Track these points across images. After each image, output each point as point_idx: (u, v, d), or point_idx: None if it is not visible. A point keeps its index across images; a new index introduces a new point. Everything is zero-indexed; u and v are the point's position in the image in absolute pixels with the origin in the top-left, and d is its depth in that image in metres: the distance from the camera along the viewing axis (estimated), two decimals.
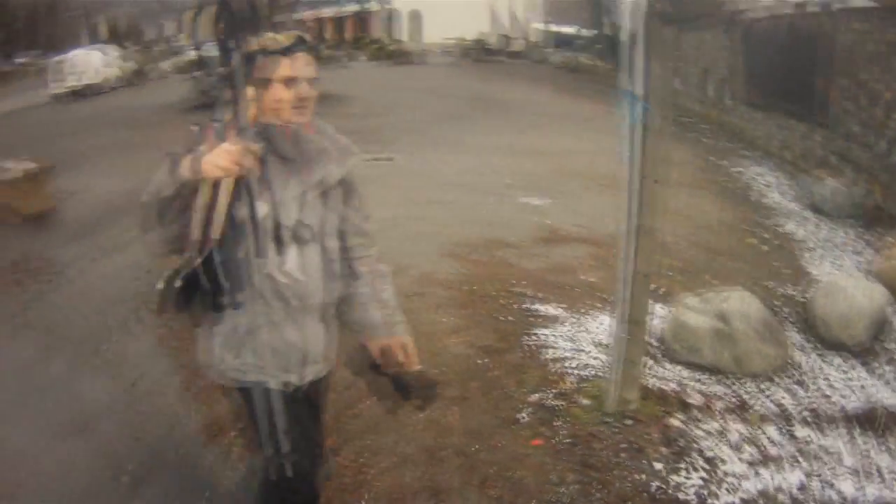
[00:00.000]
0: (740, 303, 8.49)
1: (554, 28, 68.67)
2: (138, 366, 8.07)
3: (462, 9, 60.70)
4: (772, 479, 6.50)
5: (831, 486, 6.48)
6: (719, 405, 7.57)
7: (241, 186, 3.43)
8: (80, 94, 42.38)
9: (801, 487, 6.41)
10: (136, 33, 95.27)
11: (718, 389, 7.90)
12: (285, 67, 3.69)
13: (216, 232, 3.41)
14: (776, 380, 8.19)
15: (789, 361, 8.59)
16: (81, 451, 6.46)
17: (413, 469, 6.34)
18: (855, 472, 6.71)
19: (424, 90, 34.54)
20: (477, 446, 6.57)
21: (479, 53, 52.61)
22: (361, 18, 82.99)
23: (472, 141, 21.47)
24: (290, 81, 3.70)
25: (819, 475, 6.60)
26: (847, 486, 6.50)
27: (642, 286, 6.96)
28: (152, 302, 3.77)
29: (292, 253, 3.86)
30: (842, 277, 10.36)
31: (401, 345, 4.28)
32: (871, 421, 7.48)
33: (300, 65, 3.74)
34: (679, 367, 8.32)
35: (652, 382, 7.85)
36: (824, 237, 13.94)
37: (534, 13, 67.00)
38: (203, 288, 3.52)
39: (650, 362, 8.28)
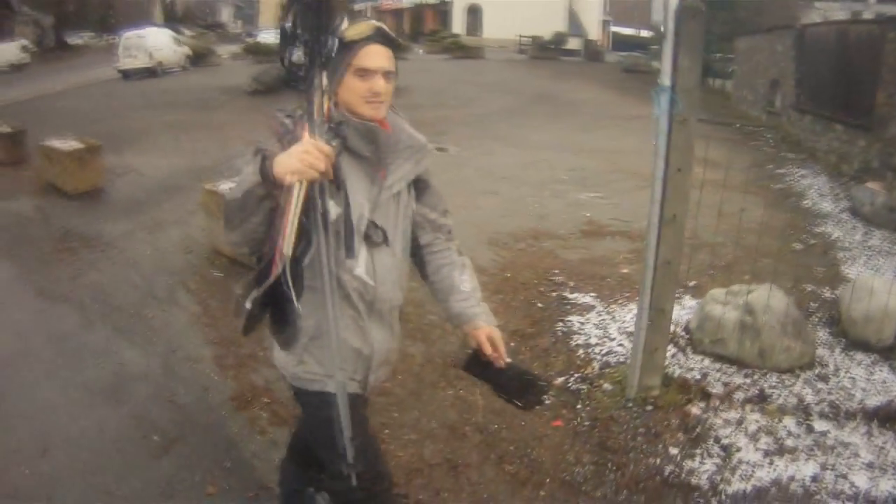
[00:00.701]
0: (766, 297, 8.55)
1: (613, 28, 68.77)
2: (175, 336, 8.43)
3: (522, 6, 60.36)
4: (786, 469, 6.60)
5: (845, 478, 6.54)
6: (740, 396, 7.69)
7: (314, 190, 3.23)
8: (151, 71, 42.79)
9: (815, 478, 6.49)
10: (191, 17, 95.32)
11: (740, 380, 8.00)
12: (360, 59, 3.52)
13: (288, 246, 3.19)
14: (799, 374, 8.28)
15: (814, 357, 8.68)
16: (116, 413, 6.84)
17: (434, 444, 6.57)
18: (870, 467, 6.78)
19: (483, 85, 34.59)
20: (498, 425, 6.79)
21: (535, 50, 52.40)
22: (441, 11, 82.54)
23: (527, 136, 21.59)
24: (364, 74, 3.53)
25: (833, 468, 6.67)
26: (861, 480, 6.57)
27: (666, 274, 7.09)
28: (238, 321, 3.59)
29: (362, 256, 3.68)
30: (872, 278, 10.33)
31: (487, 336, 4.09)
32: (890, 418, 7.52)
33: (376, 57, 3.55)
34: (704, 358, 8.44)
35: (676, 371, 8.00)
36: (860, 241, 14.02)
37: (595, 12, 66.84)
38: (284, 304, 3.38)
39: (675, 352, 8.46)
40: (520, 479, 6.15)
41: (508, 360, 4.17)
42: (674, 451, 6.71)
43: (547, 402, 6.29)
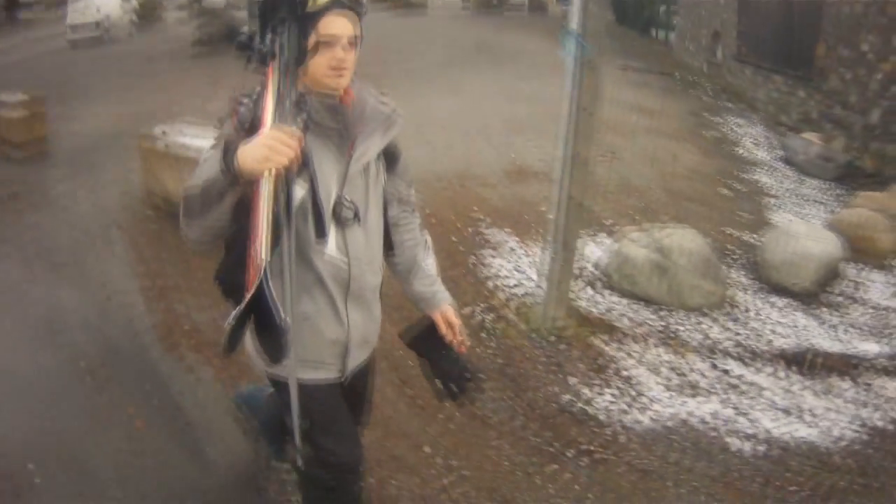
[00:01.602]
0: (681, 238, 8.73)
1: None
2: (110, 277, 8.58)
3: None
4: (686, 404, 6.78)
5: (745, 415, 6.71)
6: (645, 330, 7.82)
7: (281, 179, 2.99)
8: (97, 39, 42.64)
9: (715, 415, 6.67)
10: None
11: (649, 318, 8.20)
12: (324, 26, 3.26)
13: (265, 249, 2.93)
14: (711, 314, 8.47)
15: (728, 299, 8.88)
16: (56, 355, 6.96)
17: None
18: (773, 407, 6.97)
19: (428, 39, 34.75)
20: (401, 351, 6.73)
21: (478, 4, 52.47)
22: None
23: (464, 86, 21.72)
24: (327, 43, 3.28)
25: (735, 405, 6.86)
26: (761, 418, 6.75)
27: (573, 211, 7.26)
28: (219, 342, 3.10)
29: (333, 235, 3.49)
30: (795, 225, 10.61)
31: (443, 318, 4.01)
32: (799, 361, 7.73)
33: (340, 23, 3.30)
34: (614, 295, 8.64)
35: (586, 307, 8.18)
36: (791, 188, 14.31)
37: None
38: (265, 314, 2.98)
39: (586, 288, 8.66)
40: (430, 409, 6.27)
41: (464, 340, 4.08)
42: (573, 380, 6.89)
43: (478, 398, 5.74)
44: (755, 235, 10.88)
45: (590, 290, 8.75)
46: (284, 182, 3.00)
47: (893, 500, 5.90)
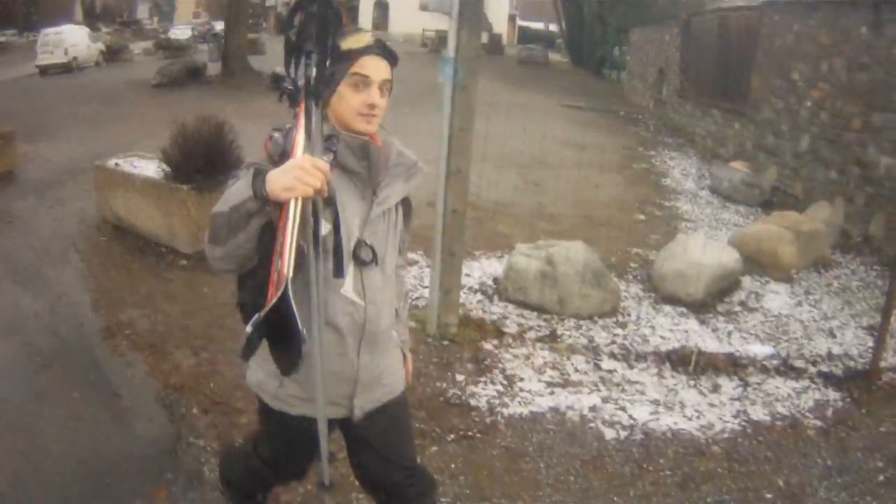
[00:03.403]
0: (569, 251, 9.28)
1: (522, 22, 69.43)
2: (62, 286, 9.53)
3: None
4: (566, 398, 7.28)
5: (624, 409, 7.20)
6: (532, 335, 8.37)
7: (308, 208, 2.99)
8: (67, 67, 43.10)
9: (593, 408, 7.17)
10: (109, 14, 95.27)
11: (537, 324, 8.78)
12: (359, 66, 3.34)
13: (289, 267, 2.90)
14: (598, 321, 9.04)
15: (619, 309, 9.44)
16: (10, 344, 8.00)
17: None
18: (654, 403, 7.47)
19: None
20: None
21: (436, 44, 52.77)
22: (351, 7, 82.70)
23: (407, 124, 22.08)
24: (362, 84, 3.35)
25: (615, 400, 7.36)
26: (640, 412, 7.24)
27: (455, 221, 7.87)
28: (238, 347, 3.10)
29: (351, 275, 3.48)
30: (687, 239, 11.01)
31: (406, 364, 4.17)
32: (684, 362, 8.23)
33: (375, 67, 3.38)
34: (507, 305, 9.24)
35: (479, 315, 8.79)
36: (710, 213, 14.90)
37: (502, 7, 67.45)
38: (284, 328, 2.96)
39: (482, 299, 9.37)
40: None
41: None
42: (460, 377, 7.45)
43: None
44: (657, 252, 11.33)
45: (486, 301, 9.36)
46: (312, 211, 3.02)
47: (760, 481, 6.34)
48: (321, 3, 2.96)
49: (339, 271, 3.33)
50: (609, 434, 6.83)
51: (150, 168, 11.06)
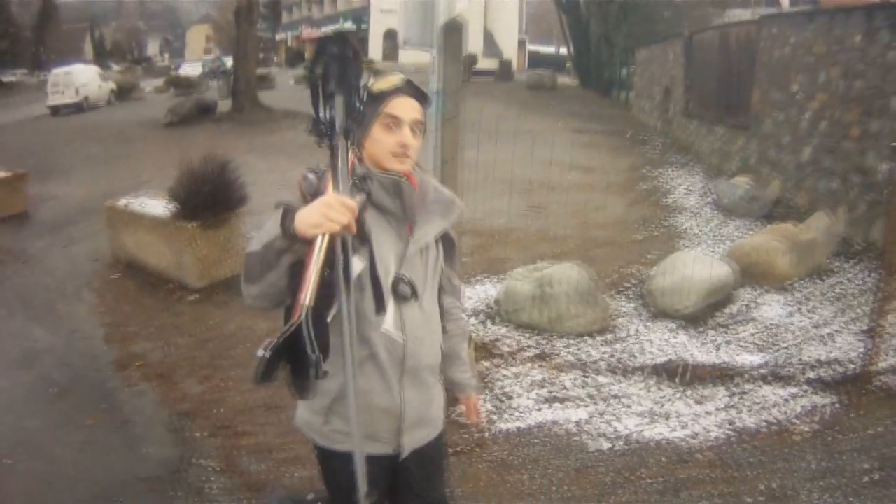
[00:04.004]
0: (562, 273, 9.59)
1: (532, 47, 69.52)
2: (77, 322, 10.11)
3: None
4: (557, 413, 7.60)
5: (610, 422, 7.48)
6: (525, 354, 8.77)
7: (337, 245, 3.04)
8: (78, 107, 43.54)
9: (581, 422, 7.47)
10: (120, 52, 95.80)
11: (531, 343, 9.12)
12: (390, 108, 3.40)
13: (309, 297, 2.97)
14: (592, 339, 9.34)
15: (612, 325, 9.74)
16: (27, 376, 8.60)
17: (257, 392, 7.72)
18: (642, 415, 7.73)
19: None
20: None
21: None
22: (360, 39, 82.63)
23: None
24: (393, 125, 3.41)
25: (602, 413, 7.65)
26: (627, 424, 7.51)
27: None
28: (251, 370, 3.04)
29: (390, 311, 3.49)
30: (680, 255, 11.30)
31: (471, 404, 4.25)
32: (673, 374, 8.53)
33: (406, 107, 3.43)
34: (504, 326, 9.59)
35: (475, 336, 9.03)
36: (711, 229, 15.07)
37: (512, 33, 67.54)
38: (302, 355, 3.01)
39: (483, 321, 9.73)
40: None
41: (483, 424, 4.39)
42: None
43: None
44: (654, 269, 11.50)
45: (484, 323, 9.72)
46: (341, 249, 3.06)
47: (743, 486, 6.54)
48: (340, 44, 3.00)
49: (379, 307, 3.41)
50: (595, 446, 7.07)
51: (158, 206, 11.50)
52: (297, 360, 3.04)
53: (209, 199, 10.85)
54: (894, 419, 7.72)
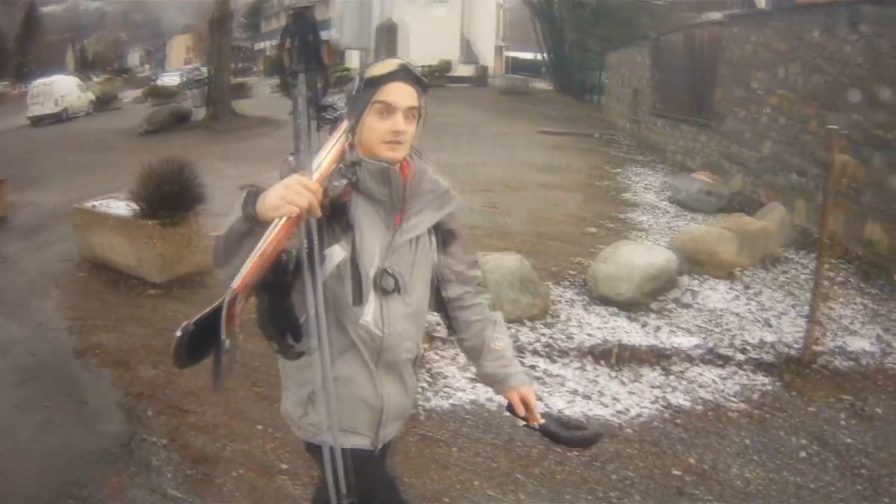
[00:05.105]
0: (501, 261, 9.86)
1: (511, 53, 69.65)
2: (45, 316, 10.52)
3: (416, 36, 59.74)
4: (485, 392, 7.80)
5: (541, 400, 7.56)
6: None
7: (302, 229, 2.95)
8: (58, 117, 43.80)
9: (502, 401, 7.60)
10: (101, 63, 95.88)
11: None
12: (383, 94, 3.26)
13: (239, 280, 2.91)
14: (527, 323, 9.59)
15: (548, 310, 9.98)
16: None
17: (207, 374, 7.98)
18: (573, 393, 8.03)
19: None
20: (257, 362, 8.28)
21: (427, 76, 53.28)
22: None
23: None
24: (386, 111, 3.27)
25: (535, 393, 7.81)
26: (557, 401, 7.81)
27: None
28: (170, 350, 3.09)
29: (371, 304, 3.39)
30: (622, 244, 11.55)
31: (519, 398, 3.85)
32: (607, 356, 8.81)
33: (399, 93, 3.28)
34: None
35: None
36: (664, 222, 15.45)
37: (490, 39, 67.66)
38: (216, 341, 2.98)
39: None
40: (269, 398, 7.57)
41: (542, 420, 3.88)
42: None
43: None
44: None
45: None
46: (306, 234, 2.96)
47: (670, 460, 6.82)
48: (302, 23, 2.92)
49: (357, 299, 3.33)
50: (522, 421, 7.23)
51: (122, 207, 11.91)
52: (205, 343, 3.03)
53: (168, 199, 11.19)
54: (832, 399, 8.05)
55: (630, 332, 9.58)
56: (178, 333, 2.95)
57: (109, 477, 6.44)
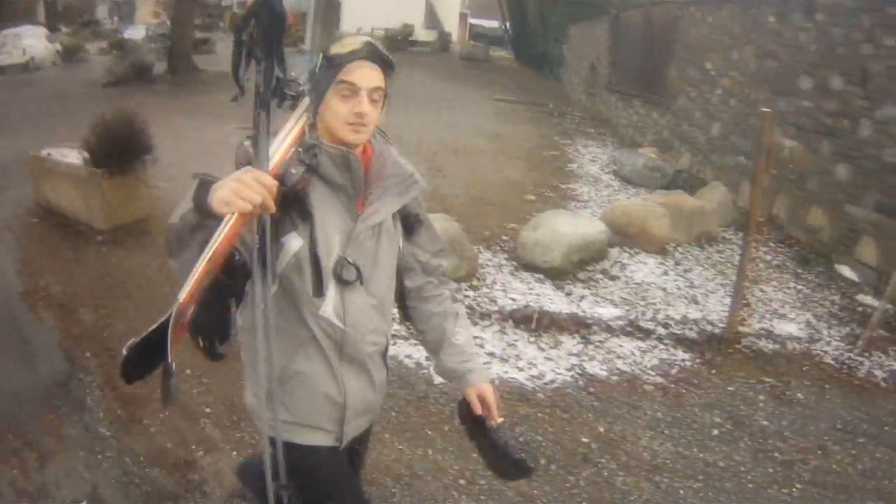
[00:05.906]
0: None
1: (474, 20, 69.52)
2: None
3: (380, 1, 59.45)
4: (405, 349, 8.09)
5: None
6: None
7: (254, 226, 2.79)
8: (23, 67, 43.63)
9: (429, 358, 7.52)
10: (71, 15, 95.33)
11: None
12: (345, 73, 3.10)
13: (185, 293, 2.63)
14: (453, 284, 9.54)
15: (475, 273, 10.17)
16: None
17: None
18: (491, 355, 8.18)
19: None
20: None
21: (384, 42, 52.98)
22: (302, 11, 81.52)
23: None
24: (349, 92, 3.11)
25: None
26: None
27: None
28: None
29: (331, 295, 3.25)
30: (553, 213, 11.71)
31: (477, 394, 3.58)
32: (527, 321, 8.96)
33: (363, 73, 3.12)
34: None
35: None
36: (606, 195, 15.60)
37: (453, 6, 67.49)
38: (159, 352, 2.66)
39: None
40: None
41: (499, 421, 3.57)
42: None
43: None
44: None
45: None
46: (260, 230, 2.81)
47: (580, 427, 6.97)
48: (267, 8, 2.58)
49: (317, 290, 3.22)
50: (439, 380, 7.41)
51: (74, 156, 12.13)
52: (152, 359, 2.75)
53: (116, 148, 11.41)
54: (752, 381, 8.19)
55: (554, 300, 9.76)
56: (124, 351, 2.76)
57: (46, 414, 6.76)
